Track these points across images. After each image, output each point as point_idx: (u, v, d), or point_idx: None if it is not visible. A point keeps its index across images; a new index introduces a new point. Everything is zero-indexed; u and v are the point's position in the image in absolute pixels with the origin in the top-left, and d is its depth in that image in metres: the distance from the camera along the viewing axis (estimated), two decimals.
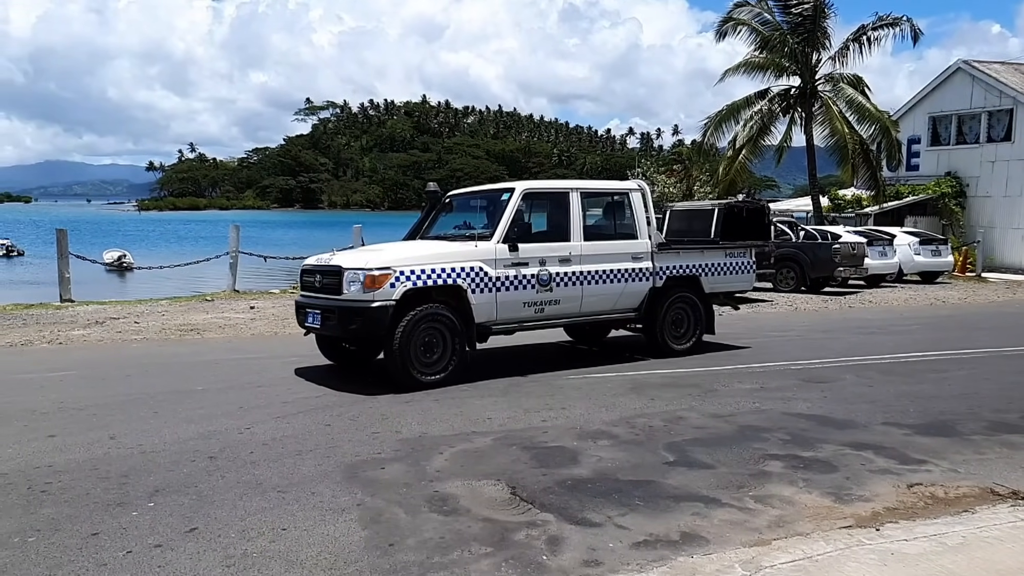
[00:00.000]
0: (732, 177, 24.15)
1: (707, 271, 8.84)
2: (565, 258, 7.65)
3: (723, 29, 23.22)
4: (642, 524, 3.85)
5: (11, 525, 3.80)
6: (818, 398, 6.69)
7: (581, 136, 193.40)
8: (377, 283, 6.61)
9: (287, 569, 3.32)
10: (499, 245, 7.25)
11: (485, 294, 7.13)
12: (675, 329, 8.62)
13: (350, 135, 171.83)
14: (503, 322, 7.39)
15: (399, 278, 6.69)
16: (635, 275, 8.17)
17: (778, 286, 16.93)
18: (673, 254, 8.56)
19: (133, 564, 3.37)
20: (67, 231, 14.33)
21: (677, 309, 8.59)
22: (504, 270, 7.24)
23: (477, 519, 3.88)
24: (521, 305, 7.41)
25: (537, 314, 7.57)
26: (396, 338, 6.62)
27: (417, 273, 6.78)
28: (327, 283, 7.05)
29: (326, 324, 7.03)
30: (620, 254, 8.10)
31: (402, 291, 6.68)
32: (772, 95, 23.80)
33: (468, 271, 7.03)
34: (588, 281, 7.80)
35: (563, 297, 7.64)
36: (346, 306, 6.76)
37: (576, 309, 7.85)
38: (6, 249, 37.60)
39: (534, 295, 7.44)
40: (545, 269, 7.48)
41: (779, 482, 4.50)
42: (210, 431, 5.53)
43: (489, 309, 7.20)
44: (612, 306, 8.15)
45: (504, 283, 7.24)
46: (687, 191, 31.54)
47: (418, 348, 6.76)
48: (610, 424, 5.74)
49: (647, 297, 8.31)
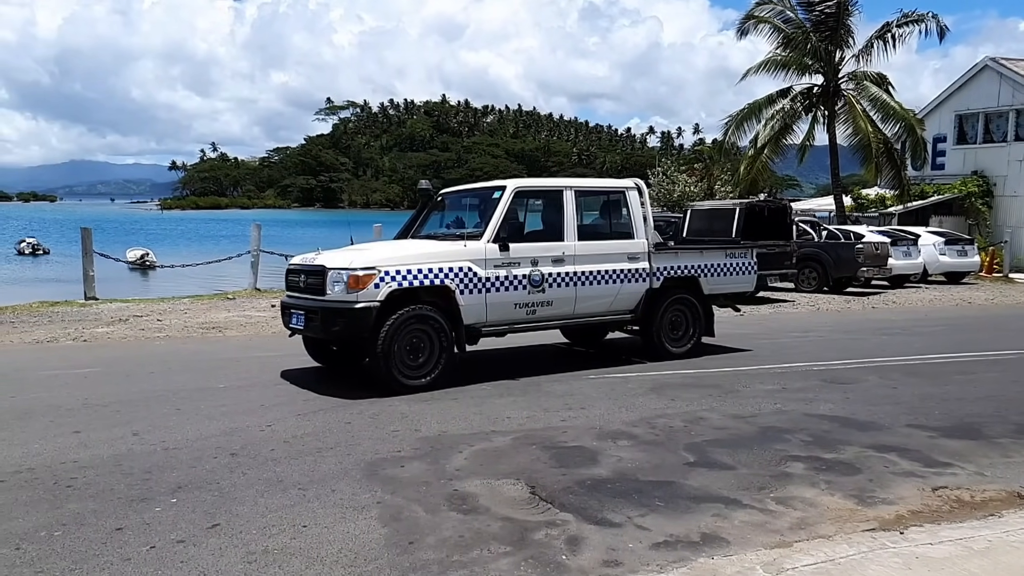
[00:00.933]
0: (753, 176, 23.98)
1: (706, 272, 8.61)
2: (558, 258, 7.46)
3: (744, 27, 23.04)
4: (662, 525, 3.83)
5: (38, 519, 3.85)
6: (840, 399, 6.62)
7: (601, 135, 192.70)
8: (361, 283, 6.44)
9: (308, 566, 3.34)
10: (489, 245, 7.05)
11: (474, 295, 6.94)
12: (673, 331, 8.40)
13: (370, 135, 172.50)
14: (494, 324, 7.19)
15: (384, 278, 6.51)
16: (631, 276, 7.96)
17: (800, 286, 16.77)
18: (671, 254, 8.37)
19: (156, 559, 3.40)
20: (91, 230, 14.53)
21: (675, 311, 8.38)
22: (494, 270, 7.05)
23: (496, 518, 3.88)
24: (512, 306, 7.22)
25: (529, 316, 7.37)
26: (380, 340, 6.44)
27: (403, 273, 6.61)
28: (311, 283, 6.88)
29: (310, 325, 6.85)
30: (616, 254, 7.90)
31: (387, 292, 6.51)
32: (794, 94, 23.58)
33: (456, 271, 6.85)
34: (582, 282, 7.60)
35: (556, 298, 7.45)
36: (329, 307, 6.59)
37: (570, 311, 7.65)
38: (32, 248, 38.17)
39: (526, 296, 7.25)
40: (537, 270, 7.29)
41: (801, 484, 4.46)
42: (232, 428, 5.58)
43: (479, 310, 7.01)
44: (607, 308, 7.95)
45: (494, 284, 7.05)
46: (708, 190, 31.36)
47: (403, 351, 6.59)
48: (630, 424, 5.71)
49: (644, 298, 8.10)
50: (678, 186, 31.58)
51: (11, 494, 4.21)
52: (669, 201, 31.34)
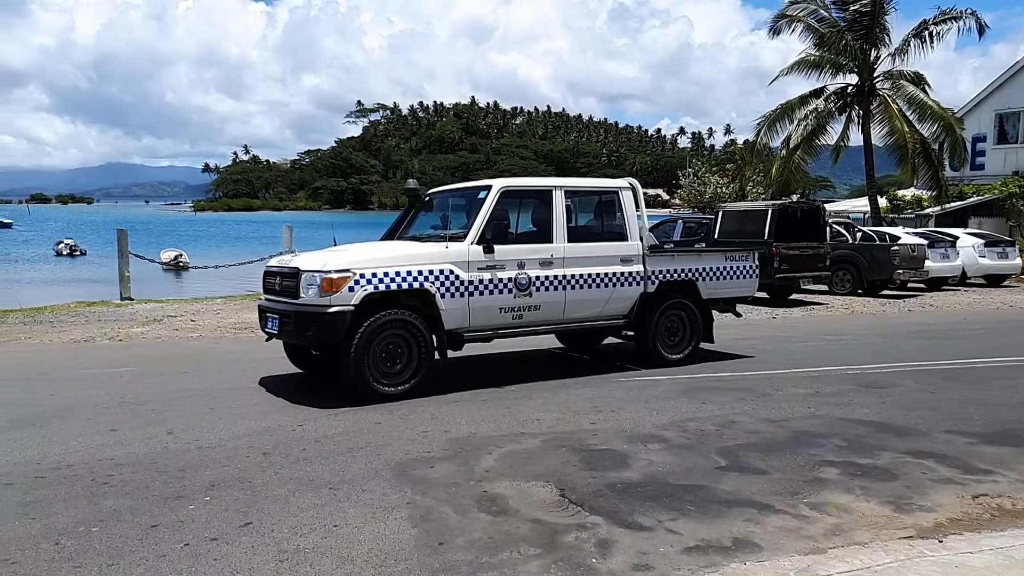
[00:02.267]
0: (786, 177, 23.71)
1: (705, 276, 8.24)
2: (546, 260, 7.19)
3: (777, 26, 22.82)
4: (693, 529, 3.78)
5: (76, 515, 3.93)
6: (876, 404, 6.50)
7: (631, 136, 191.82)
8: (335, 287, 6.19)
9: (339, 565, 3.36)
10: (473, 246, 6.80)
11: (456, 299, 6.69)
12: (669, 337, 8.07)
13: (400, 137, 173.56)
14: (477, 329, 6.93)
15: (359, 281, 6.27)
16: (624, 279, 7.66)
17: (833, 289, 16.53)
18: (667, 257, 8.08)
19: (190, 556, 3.45)
20: (127, 231, 14.81)
21: (672, 316, 8.06)
22: (478, 273, 6.79)
23: (526, 520, 3.87)
24: (497, 311, 6.95)
25: (515, 320, 7.09)
26: (353, 346, 6.20)
27: (379, 276, 6.36)
28: (286, 286, 6.65)
29: (284, 330, 6.58)
30: (608, 257, 7.60)
31: (361, 295, 6.26)
32: (828, 93, 23.29)
33: (437, 274, 6.60)
34: (572, 286, 7.31)
35: (544, 302, 7.17)
36: (302, 311, 6.34)
37: (559, 315, 7.36)
38: (70, 249, 39.00)
39: (511, 300, 6.98)
40: (524, 272, 7.02)
41: (835, 489, 4.38)
42: (264, 427, 5.64)
43: (461, 315, 6.75)
44: (599, 312, 7.64)
45: (478, 287, 6.79)
46: (739, 191, 31.06)
47: (379, 357, 6.34)
48: (661, 428, 5.67)
49: (637, 303, 7.78)
50: (709, 187, 31.33)
51: (51, 490, 4.30)
52: (700, 202, 31.12)
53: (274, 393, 6.80)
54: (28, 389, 7.02)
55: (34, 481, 4.45)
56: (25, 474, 4.58)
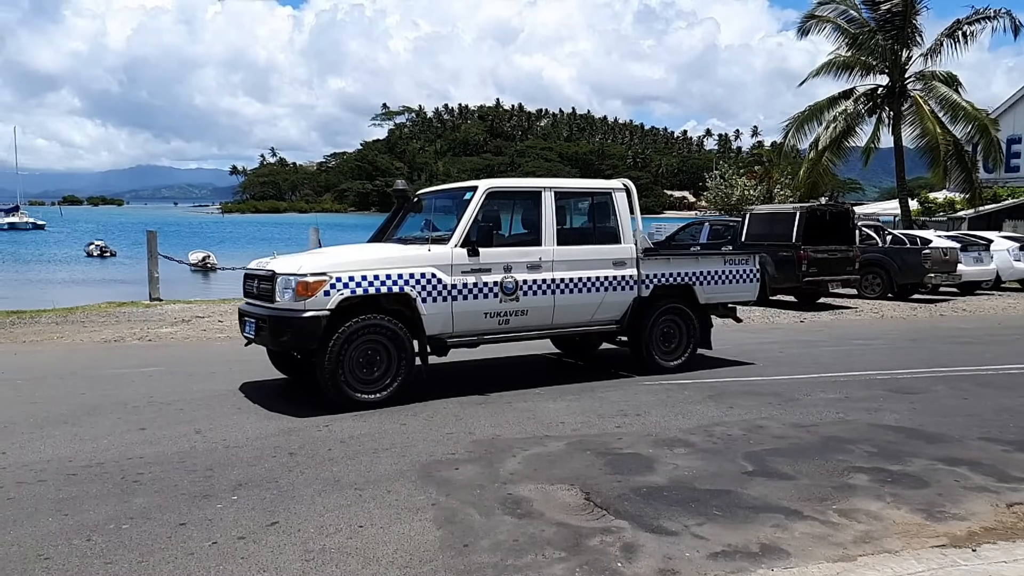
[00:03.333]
0: (814, 180, 23.44)
1: (703, 280, 7.97)
2: (534, 264, 6.97)
3: (805, 27, 22.59)
4: (720, 534, 3.75)
5: (107, 512, 3.99)
6: (907, 410, 6.40)
7: (656, 138, 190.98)
8: (310, 290, 6.01)
9: (364, 565, 3.37)
10: (456, 249, 6.61)
11: (438, 303, 6.49)
12: (665, 343, 7.81)
13: (425, 139, 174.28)
14: (461, 334, 6.74)
15: (335, 285, 6.08)
16: (616, 283, 7.41)
17: (863, 293, 16.30)
18: (662, 261, 7.80)
19: (218, 554, 3.48)
20: (156, 233, 15.02)
21: (667, 321, 7.79)
22: (462, 277, 6.59)
23: (551, 523, 3.86)
24: (482, 316, 6.75)
25: (502, 325, 6.89)
26: (328, 352, 6.02)
27: (357, 280, 6.17)
28: (263, 289, 6.47)
29: (260, 334, 6.44)
30: (599, 260, 7.36)
31: (338, 300, 6.08)
32: (857, 95, 23.01)
33: (419, 278, 6.41)
34: (561, 290, 7.08)
35: (532, 307, 6.96)
36: (277, 315, 6.19)
37: (547, 320, 7.13)
38: (100, 250, 39.67)
39: (497, 305, 6.77)
40: (511, 276, 6.81)
41: (865, 496, 4.32)
42: (290, 427, 5.68)
43: (444, 320, 6.57)
44: (590, 317, 7.40)
45: (461, 291, 6.59)
46: (767, 194, 30.77)
47: (355, 363, 6.15)
48: (687, 432, 5.62)
49: (631, 308, 7.53)
50: (736, 189, 31.07)
51: (82, 487, 4.37)
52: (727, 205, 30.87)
53: (300, 393, 6.86)
54: (60, 387, 7.14)
55: (67, 478, 4.53)
56: (58, 471, 4.66)
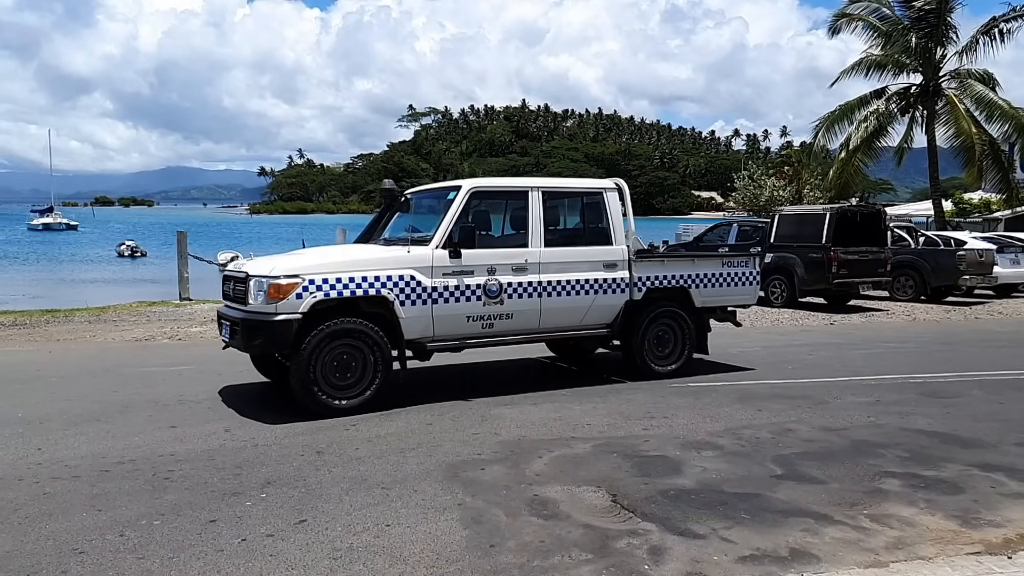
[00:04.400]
0: (844, 180, 23.13)
1: (699, 282, 7.70)
2: (520, 266, 6.76)
3: (837, 25, 22.30)
4: (748, 538, 3.70)
5: (139, 508, 4.05)
6: (940, 414, 6.28)
7: (684, 138, 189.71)
8: (282, 293, 5.84)
9: (391, 564, 3.39)
10: (437, 251, 6.41)
11: (418, 307, 6.30)
12: (659, 348, 7.56)
13: (451, 140, 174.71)
14: (443, 338, 6.55)
15: (307, 288, 5.91)
16: (607, 286, 7.17)
17: (895, 295, 16.05)
18: (656, 263, 7.53)
19: (247, 551, 3.52)
20: (186, 233, 15.24)
21: (661, 325, 7.55)
22: (443, 279, 6.40)
23: (577, 525, 3.84)
24: (464, 319, 6.56)
25: (486, 329, 6.68)
26: (300, 356, 5.87)
27: (331, 282, 5.99)
28: (237, 291, 6.33)
29: (234, 338, 6.28)
30: (589, 262, 7.13)
31: (311, 303, 5.90)
32: (890, 94, 22.65)
33: (396, 280, 6.22)
34: (548, 293, 6.87)
35: (517, 311, 6.75)
36: (249, 318, 6.04)
37: (534, 324, 6.92)
38: (131, 250, 40.31)
39: (480, 308, 6.57)
40: (495, 279, 6.61)
41: (897, 501, 4.25)
42: (318, 427, 5.73)
43: (423, 324, 6.37)
44: (579, 321, 7.17)
45: (442, 294, 6.40)
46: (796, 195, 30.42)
47: (329, 368, 5.97)
48: (715, 435, 5.57)
49: (622, 311, 7.28)
50: (765, 190, 30.75)
51: (115, 483, 4.44)
52: (756, 205, 30.57)
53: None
54: (93, 385, 7.27)
55: (100, 474, 4.60)
56: (91, 467, 4.74)
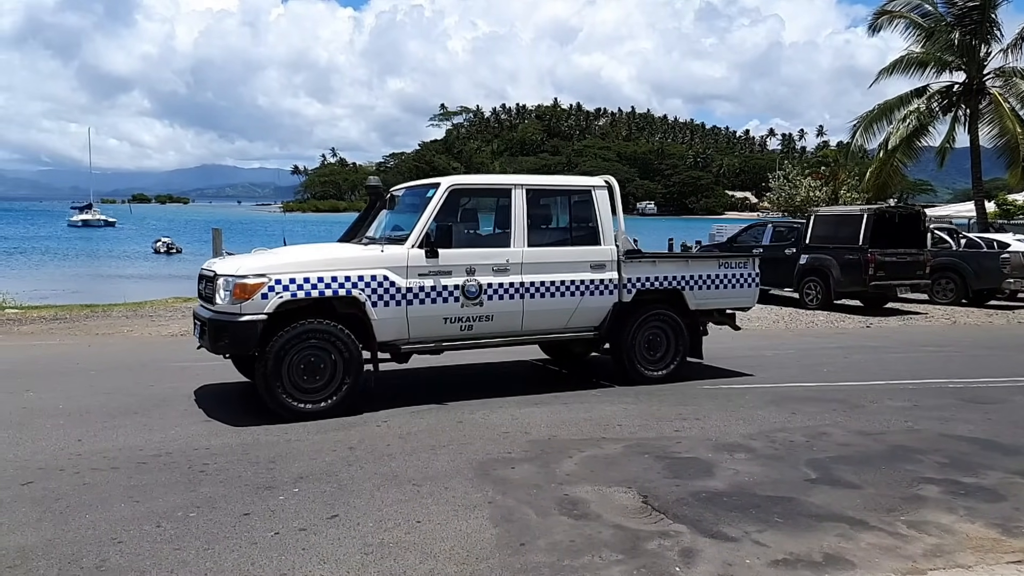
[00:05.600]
0: (883, 181, 22.70)
1: (693, 284, 7.41)
2: (501, 267, 6.55)
3: (877, 23, 21.87)
4: (781, 542, 3.66)
5: (176, 500, 4.12)
6: (981, 420, 6.14)
7: (718, 137, 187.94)
8: (248, 293, 5.70)
9: (422, 560, 3.40)
10: (413, 250, 6.22)
11: (391, 308, 6.11)
12: (650, 352, 7.29)
13: (482, 139, 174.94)
14: (419, 340, 6.35)
15: (274, 288, 5.74)
16: (594, 288, 6.92)
17: (935, 298, 15.72)
18: (647, 264, 7.26)
19: (280, 545, 3.56)
20: (221, 230, 15.45)
21: (652, 329, 7.27)
22: (418, 280, 6.21)
23: (608, 525, 3.83)
24: (441, 321, 6.36)
25: (464, 331, 6.48)
26: (265, 358, 5.72)
27: (299, 282, 5.83)
28: (208, 291, 6.19)
29: (203, 338, 6.12)
30: (575, 263, 6.89)
31: (276, 303, 5.74)
32: (931, 93, 22.16)
33: (368, 280, 6.04)
34: (531, 294, 6.65)
35: (497, 312, 6.54)
36: (216, 318, 5.91)
37: (516, 326, 6.70)
38: (167, 247, 41.05)
39: (458, 310, 6.38)
40: (474, 279, 6.41)
41: (936, 508, 4.16)
42: (350, 423, 5.78)
43: (398, 325, 6.18)
44: (565, 324, 6.93)
45: (418, 295, 6.20)
46: (832, 195, 29.95)
47: (296, 370, 5.80)
48: (748, 437, 5.51)
49: (610, 314, 7.02)
50: (801, 190, 30.32)
51: (152, 475, 4.53)
52: (791, 206, 30.17)
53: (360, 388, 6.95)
54: (131, 378, 7.42)
55: (137, 466, 4.70)
56: (129, 459, 4.84)
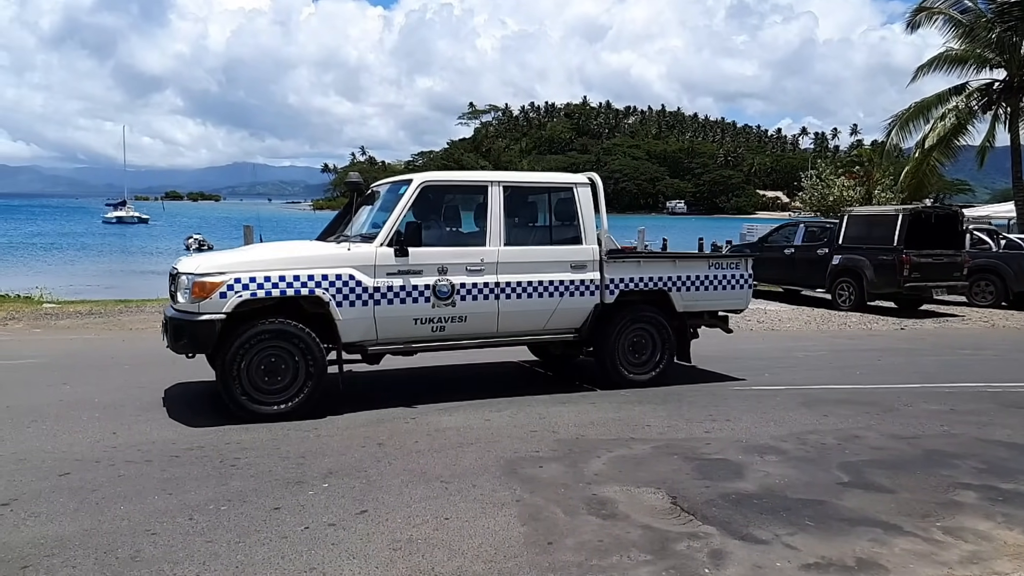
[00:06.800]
0: (919, 180, 22.27)
1: (681, 285, 7.18)
2: (475, 266, 6.37)
3: (915, 20, 21.44)
4: (813, 545, 3.61)
5: (207, 494, 4.18)
6: (1020, 425, 6.00)
7: (749, 136, 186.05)
8: (206, 292, 5.59)
9: (450, 557, 3.41)
10: (381, 249, 6.08)
11: (357, 308, 5.96)
12: (635, 355, 7.08)
13: (510, 138, 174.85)
14: (388, 342, 6.20)
15: (232, 287, 5.62)
16: (574, 288, 6.71)
17: (973, 300, 15.40)
18: (631, 264, 7.05)
19: (310, 539, 3.59)
20: (253, 227, 15.67)
21: (637, 331, 7.06)
22: (386, 279, 6.06)
23: (636, 525, 3.81)
24: (411, 322, 6.19)
25: (436, 333, 6.31)
26: (224, 359, 5.63)
27: (259, 281, 5.69)
28: (172, 289, 6.11)
29: (166, 337, 6.00)
30: (554, 262, 6.70)
31: (235, 302, 5.61)
32: (970, 90, 21.70)
33: (333, 280, 5.89)
34: (507, 295, 6.47)
35: (471, 313, 6.36)
36: (176, 317, 5.82)
37: (491, 328, 6.51)
38: (198, 244, 41.63)
39: (429, 310, 6.21)
40: (446, 279, 6.24)
41: (973, 514, 4.08)
42: (379, 418, 5.82)
43: (365, 326, 6.03)
44: (543, 325, 6.74)
45: (385, 295, 6.05)
46: (866, 195, 29.44)
47: (256, 371, 5.68)
48: (778, 439, 5.44)
49: (591, 315, 6.82)
50: (834, 190, 29.84)
51: (185, 469, 4.60)
52: (824, 206, 29.71)
53: (388, 385, 7.01)
54: (164, 372, 7.52)
55: (170, 459, 4.77)
56: (163, 452, 4.92)
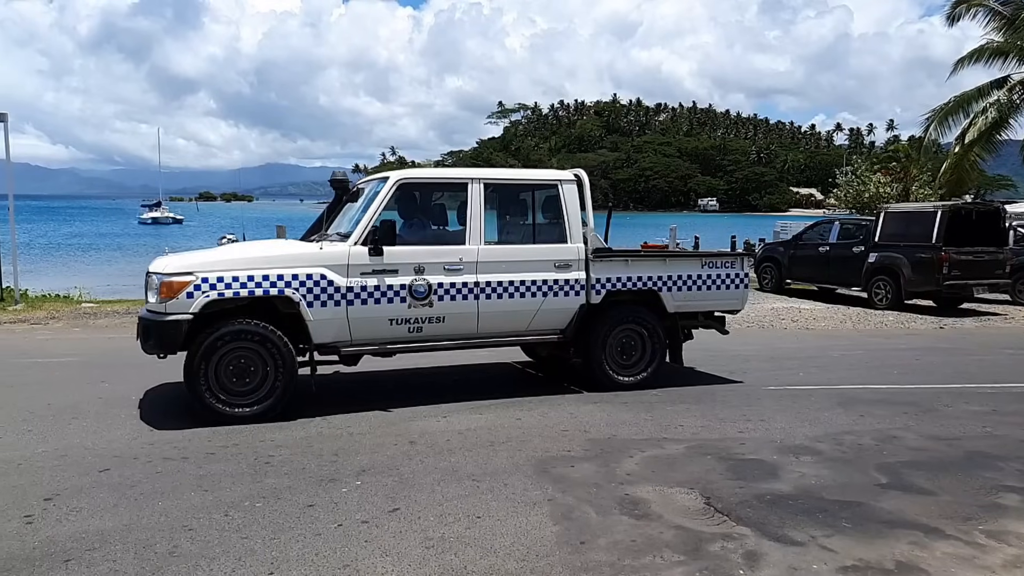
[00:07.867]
0: (958, 176, 21.78)
1: (672, 285, 6.95)
2: (454, 265, 6.21)
3: (955, 12, 20.98)
4: (850, 548, 3.55)
5: (243, 491, 4.23)
6: None
7: (782, 132, 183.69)
8: (173, 292, 5.52)
9: (482, 556, 3.42)
10: (355, 248, 5.94)
11: (329, 308, 5.83)
12: (623, 357, 6.87)
13: (539, 136, 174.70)
14: (362, 343, 6.06)
15: (200, 287, 5.54)
16: (558, 288, 6.54)
17: (1016, 298, 15.04)
18: (619, 263, 6.81)
19: (343, 536, 3.62)
20: (285, 227, 15.87)
21: (626, 332, 6.87)
22: (360, 279, 5.92)
23: (669, 526, 3.78)
24: (386, 323, 6.05)
25: (413, 333, 6.16)
26: (191, 360, 5.56)
27: (227, 281, 5.60)
28: (145, 289, 6.02)
29: (138, 337, 5.90)
30: (538, 261, 6.53)
31: (203, 302, 5.53)
32: (1013, 83, 21.17)
33: (304, 279, 5.77)
34: (487, 295, 6.32)
35: (449, 314, 6.21)
36: (145, 317, 5.77)
37: (471, 329, 6.36)
38: (232, 243, 42.22)
39: (405, 310, 6.06)
40: (423, 279, 6.09)
41: (1016, 517, 3.98)
42: (410, 416, 5.85)
43: (338, 326, 5.91)
44: (526, 326, 6.57)
45: (359, 295, 5.92)
46: (903, 192, 28.90)
47: (224, 372, 5.60)
48: (814, 439, 5.37)
49: (576, 316, 6.63)
50: (870, 187, 29.34)
51: (221, 465, 4.66)
52: (859, 203, 29.23)
53: (420, 383, 7.04)
54: None
55: (206, 456, 4.84)
56: (199, 449, 4.99)
